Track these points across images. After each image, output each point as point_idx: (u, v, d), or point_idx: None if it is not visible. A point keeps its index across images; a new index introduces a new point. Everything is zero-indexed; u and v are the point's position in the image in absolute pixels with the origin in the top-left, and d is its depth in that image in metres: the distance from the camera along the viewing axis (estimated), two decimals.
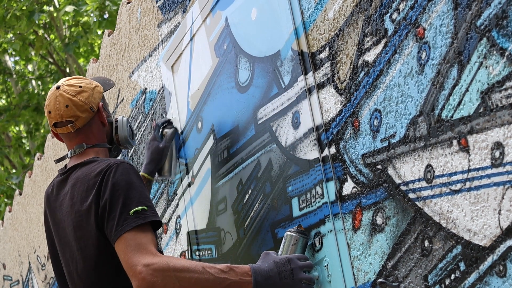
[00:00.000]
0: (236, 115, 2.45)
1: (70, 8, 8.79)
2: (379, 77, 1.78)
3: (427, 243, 1.62)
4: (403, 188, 1.70)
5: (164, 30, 3.11)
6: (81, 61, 11.99)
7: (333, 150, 1.95)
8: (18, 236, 5.62)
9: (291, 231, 2.01)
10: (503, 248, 1.41)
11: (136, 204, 1.96)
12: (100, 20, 8.71)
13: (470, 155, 1.50)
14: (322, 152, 1.98)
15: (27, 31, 9.95)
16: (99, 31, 9.55)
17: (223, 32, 2.54)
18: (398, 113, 1.71)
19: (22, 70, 13.26)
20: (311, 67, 2.03)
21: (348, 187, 1.89)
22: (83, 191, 2.07)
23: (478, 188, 1.48)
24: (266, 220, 2.27)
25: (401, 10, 1.70)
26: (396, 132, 1.72)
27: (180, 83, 2.91)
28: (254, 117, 2.33)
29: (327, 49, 1.98)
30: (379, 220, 1.78)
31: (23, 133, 12.84)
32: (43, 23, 10.68)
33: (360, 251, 1.85)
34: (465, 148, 1.51)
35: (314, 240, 2.01)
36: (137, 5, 3.47)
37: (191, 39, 2.79)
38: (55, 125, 2.25)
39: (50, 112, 2.24)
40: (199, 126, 2.74)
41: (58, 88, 2.25)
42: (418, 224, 1.65)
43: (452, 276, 1.55)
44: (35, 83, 12.27)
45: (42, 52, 11.04)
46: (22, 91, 11.99)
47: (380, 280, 1.76)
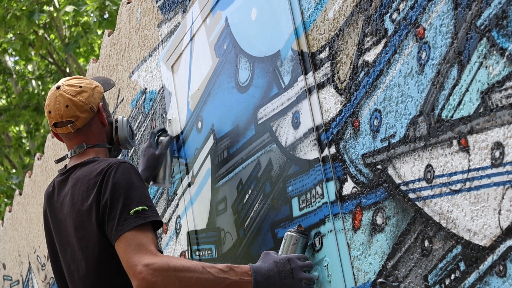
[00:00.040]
0: (236, 115, 2.45)
1: (70, 8, 8.79)
2: (379, 77, 1.78)
3: (427, 243, 1.62)
4: (403, 188, 1.70)
5: (164, 30, 3.11)
6: (81, 61, 11.99)
7: (333, 150, 1.95)
8: (18, 236, 5.62)
9: (292, 231, 2.01)
10: (503, 248, 1.41)
11: (137, 204, 1.96)
12: (100, 20, 8.71)
13: (470, 155, 1.50)
14: (322, 152, 1.98)
15: (27, 31, 9.95)
16: (99, 31, 9.55)
17: (223, 32, 2.54)
18: (398, 113, 1.71)
19: (22, 70, 13.26)
20: (311, 67, 2.03)
21: (348, 187, 1.89)
22: (84, 191, 2.07)
23: (478, 188, 1.48)
24: (266, 220, 2.27)
25: (401, 10, 1.70)
26: (396, 132, 1.72)
27: (180, 83, 2.91)
28: (254, 117, 2.33)
29: (327, 49, 1.98)
30: (379, 220, 1.78)
31: (23, 133, 12.84)
32: (43, 23, 10.68)
33: (360, 251, 1.85)
34: (465, 148, 1.51)
35: (314, 240, 2.01)
36: (137, 5, 3.47)
37: (191, 39, 2.79)
38: (55, 125, 2.25)
39: (50, 112, 2.24)
40: (199, 126, 2.74)
41: (58, 88, 2.25)
42: (418, 224, 1.65)
43: (452, 276, 1.55)
44: (35, 83, 12.27)
45: (42, 52, 11.04)
46: (22, 91, 11.99)
47: (380, 280, 1.76)
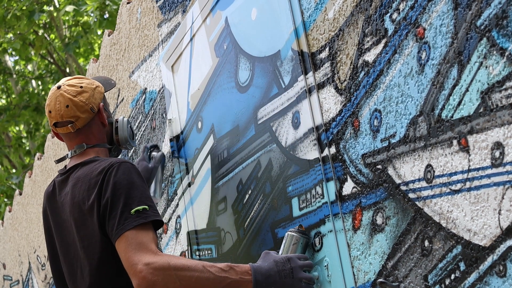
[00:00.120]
0: (236, 115, 2.45)
1: (70, 8, 8.79)
2: (379, 77, 1.78)
3: (427, 243, 1.62)
4: (403, 188, 1.70)
5: (164, 30, 3.12)
6: (81, 61, 11.99)
7: (333, 150, 1.95)
8: (18, 236, 5.62)
9: (292, 231, 2.02)
10: (503, 248, 1.42)
11: (138, 204, 1.96)
12: (100, 20, 8.71)
13: (470, 155, 1.50)
14: (322, 152, 1.99)
15: (27, 31, 9.95)
16: (99, 31, 9.55)
17: (223, 32, 2.55)
18: (398, 113, 1.72)
19: (22, 70, 13.26)
20: (311, 67, 2.03)
21: (348, 187, 1.90)
22: (85, 190, 2.07)
23: (478, 188, 1.48)
24: (266, 220, 2.27)
25: (401, 10, 1.70)
26: (396, 132, 1.72)
27: (180, 83, 2.91)
28: (254, 117, 2.34)
29: (327, 49, 1.98)
30: (379, 220, 1.78)
31: (23, 133, 12.84)
32: (43, 23, 10.69)
33: (360, 251, 1.85)
34: (465, 148, 1.51)
35: (314, 240, 2.02)
36: (137, 5, 3.47)
37: (191, 39, 2.79)
38: (55, 124, 2.25)
39: (50, 111, 2.24)
40: (199, 126, 2.74)
41: (59, 88, 2.25)
42: (418, 224, 1.65)
43: (452, 276, 1.55)
44: (35, 83, 12.28)
45: (42, 52, 11.04)
46: (22, 91, 12.00)
47: (380, 280, 1.76)
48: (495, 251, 1.43)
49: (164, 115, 3.08)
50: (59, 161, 2.36)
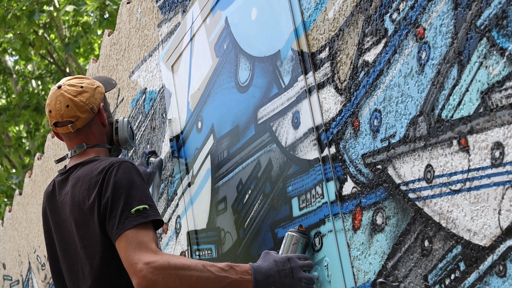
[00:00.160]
0: (236, 115, 2.45)
1: (70, 8, 8.79)
2: (379, 77, 1.78)
3: (427, 243, 1.62)
4: (403, 188, 1.70)
5: (164, 30, 3.12)
6: (81, 61, 11.99)
7: (333, 150, 1.95)
8: (18, 236, 5.62)
9: (292, 231, 2.02)
10: (503, 248, 1.42)
11: (138, 203, 1.96)
12: (100, 20, 8.71)
13: (470, 155, 1.50)
14: (322, 152, 1.99)
15: (27, 31, 9.95)
16: (99, 31, 9.55)
17: (223, 32, 2.55)
18: (398, 113, 1.72)
19: (22, 70, 13.26)
20: (311, 67, 2.03)
21: (348, 187, 1.90)
22: (85, 189, 2.07)
23: (478, 188, 1.48)
24: (266, 220, 2.27)
25: (401, 10, 1.70)
26: (396, 132, 1.72)
27: (180, 83, 2.91)
28: (254, 117, 2.34)
29: (327, 49, 1.98)
30: (379, 220, 1.78)
31: (23, 133, 12.84)
32: (43, 23, 10.69)
33: (360, 251, 1.85)
34: (465, 148, 1.51)
35: (314, 240, 2.02)
36: (137, 5, 3.47)
37: (191, 39, 2.79)
38: (56, 124, 2.25)
39: (50, 111, 2.24)
40: (199, 126, 2.74)
41: (60, 87, 2.25)
42: (418, 224, 1.65)
43: (452, 276, 1.55)
44: (35, 83, 12.28)
45: (42, 52, 11.05)
46: (22, 91, 12.00)
47: (380, 280, 1.76)
48: (495, 251, 1.43)
49: (164, 115, 3.08)
50: (59, 161, 2.36)
